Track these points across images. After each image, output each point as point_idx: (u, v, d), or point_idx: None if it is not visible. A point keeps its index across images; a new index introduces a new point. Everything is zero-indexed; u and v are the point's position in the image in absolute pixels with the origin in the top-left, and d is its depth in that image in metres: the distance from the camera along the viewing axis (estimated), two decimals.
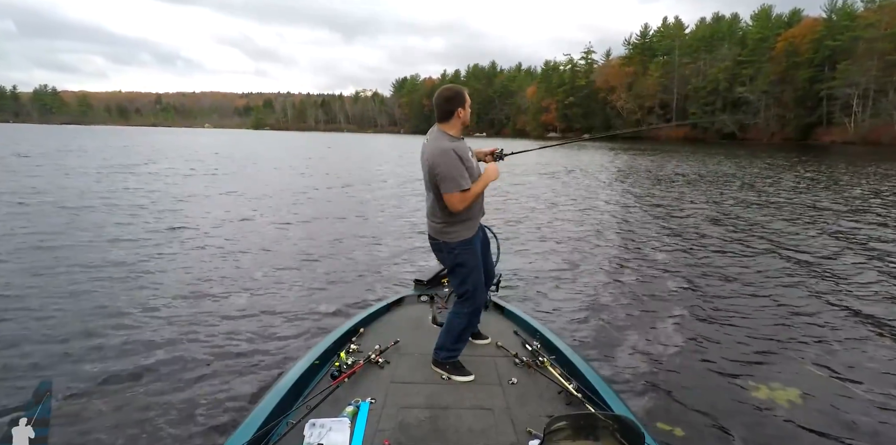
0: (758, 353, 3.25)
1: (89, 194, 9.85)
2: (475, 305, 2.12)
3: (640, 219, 8.30)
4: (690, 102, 60.87)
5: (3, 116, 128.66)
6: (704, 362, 3.13)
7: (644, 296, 4.39)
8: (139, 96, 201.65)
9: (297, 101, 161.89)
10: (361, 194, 10.84)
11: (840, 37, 46.22)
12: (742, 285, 4.67)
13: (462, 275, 2.09)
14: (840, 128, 45.93)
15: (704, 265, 5.38)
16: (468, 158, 2.01)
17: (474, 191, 1.97)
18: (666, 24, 69.89)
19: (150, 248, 5.64)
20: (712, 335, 3.53)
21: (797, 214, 8.57)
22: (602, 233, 7.14)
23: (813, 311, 4.00)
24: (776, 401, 2.65)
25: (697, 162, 21.46)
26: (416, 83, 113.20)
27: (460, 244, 2.05)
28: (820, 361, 3.13)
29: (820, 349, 3.29)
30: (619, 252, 6.03)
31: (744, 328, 3.66)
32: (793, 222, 7.78)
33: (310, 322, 3.61)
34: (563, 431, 1.31)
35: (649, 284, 4.76)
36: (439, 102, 1.99)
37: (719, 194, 11.22)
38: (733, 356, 3.19)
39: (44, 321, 3.48)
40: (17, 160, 17.25)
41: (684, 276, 5.01)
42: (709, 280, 4.84)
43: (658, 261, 5.60)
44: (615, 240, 6.70)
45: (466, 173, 1.95)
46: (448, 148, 1.92)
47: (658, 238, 6.79)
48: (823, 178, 14.60)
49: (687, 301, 4.25)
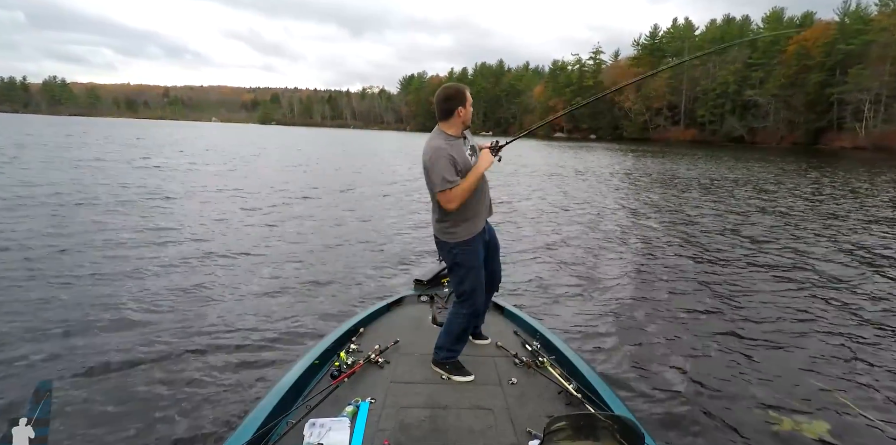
0: (760, 357, 3.23)
1: (100, 188, 9.92)
2: (473, 306, 2.11)
3: (647, 221, 8.26)
4: (699, 104, 60.42)
5: (13, 107, 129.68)
6: (705, 363, 3.13)
7: (646, 297, 4.38)
8: (147, 89, 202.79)
9: (304, 96, 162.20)
10: (362, 195, 10.83)
11: (853, 41, 45.67)
12: (751, 291, 4.63)
13: (460, 275, 2.09)
14: (851, 133, 45.40)
15: (708, 268, 5.35)
16: (464, 157, 1.97)
17: (464, 186, 1.93)
18: (676, 25, 69.41)
19: (150, 248, 5.62)
20: (714, 337, 3.52)
21: (819, 224, 8.07)
22: (607, 235, 7.11)
23: (834, 327, 3.88)
24: (779, 420, 2.61)
25: (708, 165, 21.28)
26: (423, 81, 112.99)
27: (459, 245, 2.04)
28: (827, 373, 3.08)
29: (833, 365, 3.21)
30: (622, 254, 6.01)
31: (745, 330, 3.65)
32: (814, 234, 7.22)
33: (310, 322, 3.61)
34: (563, 431, 1.30)
35: (651, 285, 4.75)
36: (439, 101, 1.97)
37: (731, 199, 11.12)
38: (735, 359, 3.18)
39: (44, 321, 3.47)
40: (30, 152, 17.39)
41: (687, 277, 4.99)
42: (712, 282, 4.82)
43: (661, 262, 5.58)
44: (619, 242, 6.68)
45: (454, 171, 1.91)
46: (441, 148, 1.91)
47: (663, 240, 6.76)
48: (839, 184, 14.29)
49: (689, 303, 4.23)
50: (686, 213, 8.99)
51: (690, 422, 2.47)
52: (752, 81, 54.25)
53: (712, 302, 4.25)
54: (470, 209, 2.02)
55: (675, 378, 2.92)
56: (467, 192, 1.94)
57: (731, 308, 4.12)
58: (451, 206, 1.93)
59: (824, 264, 5.61)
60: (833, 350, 3.35)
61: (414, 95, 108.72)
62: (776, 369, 3.06)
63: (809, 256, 5.97)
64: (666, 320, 3.86)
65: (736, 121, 55.33)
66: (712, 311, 4.05)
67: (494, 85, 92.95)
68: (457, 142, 2.00)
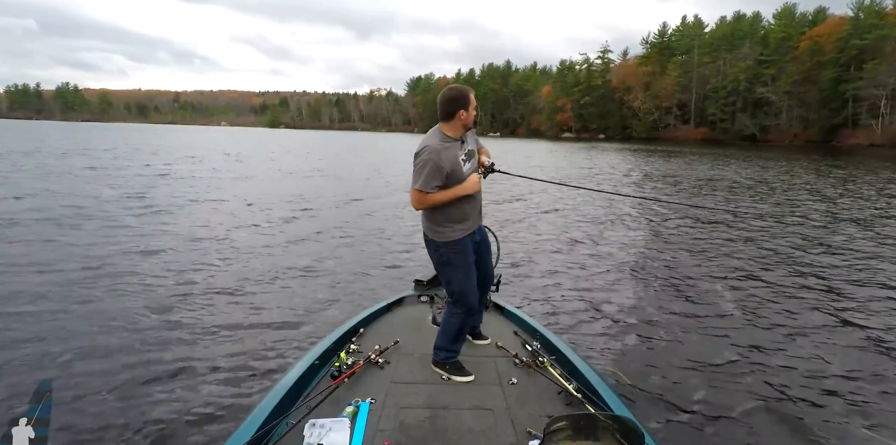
0: (761, 358, 3.19)
1: (106, 189, 10.09)
2: (466, 305, 2.11)
3: (650, 222, 8.18)
4: (709, 102, 59.69)
5: (27, 114, 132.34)
6: (706, 363, 3.10)
7: (646, 298, 4.35)
8: (158, 94, 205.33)
9: (312, 99, 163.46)
10: (362, 195, 10.86)
11: (867, 35, 44.76)
12: (753, 291, 4.56)
13: (447, 274, 2.10)
14: (866, 130, 44.47)
15: (709, 268, 5.28)
16: (454, 161, 1.96)
17: (438, 197, 1.94)
18: (685, 23, 68.67)
19: (150, 247, 5.68)
20: (714, 338, 3.49)
21: (847, 230, 7.38)
22: (608, 236, 7.05)
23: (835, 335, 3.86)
24: (780, 420, 2.57)
25: (723, 165, 20.84)
26: (431, 82, 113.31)
27: (445, 244, 2.05)
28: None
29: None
30: (623, 254, 5.95)
31: (747, 331, 3.61)
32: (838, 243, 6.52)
33: (310, 322, 3.63)
34: (563, 431, 1.31)
35: (652, 285, 4.71)
36: (442, 102, 1.98)
37: (751, 201, 10.94)
38: (736, 359, 3.15)
39: (44, 321, 3.51)
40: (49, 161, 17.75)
41: (688, 277, 4.93)
42: (713, 282, 4.76)
43: (661, 262, 5.53)
44: (620, 242, 6.61)
45: (438, 177, 1.91)
46: (433, 149, 1.91)
47: (664, 241, 6.69)
48: (865, 184, 13.66)
49: (690, 303, 4.20)
50: (693, 215, 8.87)
51: (691, 422, 2.46)
52: (764, 77, 53.45)
53: (713, 303, 4.21)
54: (460, 212, 2.03)
55: (676, 378, 2.91)
56: (437, 203, 1.95)
57: (733, 309, 4.08)
58: (417, 206, 1.98)
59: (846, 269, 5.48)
60: (834, 351, 3.29)
61: (421, 96, 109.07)
62: (777, 369, 3.02)
63: (822, 261, 5.85)
64: (666, 320, 3.83)
65: (747, 119, 54.57)
66: (713, 311, 4.01)
67: (502, 86, 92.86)
68: (453, 144, 1.99)
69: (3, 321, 3.48)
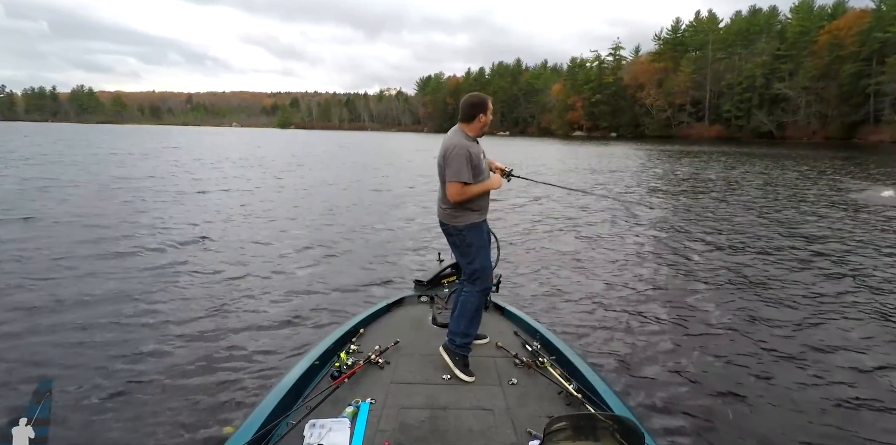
0: (761, 358, 3.15)
1: (112, 187, 10.29)
2: (485, 284, 2.25)
3: (654, 223, 8.07)
4: (724, 99, 58.62)
5: (43, 116, 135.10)
6: (706, 363, 3.09)
7: (647, 298, 4.32)
8: (171, 96, 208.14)
9: (322, 100, 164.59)
10: (362, 195, 10.87)
11: (890, 28, 43.44)
12: (754, 292, 4.48)
13: (472, 254, 2.25)
14: (890, 126, 43.10)
15: (710, 268, 5.21)
16: (479, 159, 2.21)
17: (474, 189, 2.17)
18: (699, 18, 67.57)
19: (149, 247, 5.74)
20: (715, 338, 3.47)
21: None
22: (609, 236, 6.97)
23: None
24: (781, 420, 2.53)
25: (742, 165, 20.18)
26: (441, 81, 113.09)
27: (468, 227, 2.23)
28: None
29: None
30: (623, 255, 5.88)
31: (748, 331, 3.56)
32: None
33: (310, 322, 3.65)
34: (563, 431, 1.31)
35: (652, 285, 4.66)
36: (465, 106, 2.23)
37: (766, 201, 10.69)
38: (736, 359, 3.13)
39: (45, 321, 3.55)
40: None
41: (689, 278, 4.88)
42: (715, 283, 4.70)
43: (662, 263, 5.46)
44: (620, 243, 6.54)
45: (471, 169, 2.14)
46: (463, 144, 2.15)
47: (666, 241, 6.59)
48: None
49: (690, 304, 4.15)
50: (694, 216, 8.71)
51: (691, 422, 2.45)
52: (781, 73, 52.30)
53: (714, 303, 4.16)
54: (478, 203, 2.26)
55: (676, 379, 2.90)
56: (473, 195, 2.18)
57: (734, 309, 4.03)
58: (456, 198, 2.14)
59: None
60: (835, 351, 3.25)
61: (431, 96, 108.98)
62: (778, 369, 3.00)
63: (824, 262, 5.70)
64: (667, 320, 3.81)
65: (764, 116, 53.46)
66: (714, 312, 3.97)
67: (512, 84, 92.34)
68: (475, 144, 2.22)
69: (3, 322, 3.52)
